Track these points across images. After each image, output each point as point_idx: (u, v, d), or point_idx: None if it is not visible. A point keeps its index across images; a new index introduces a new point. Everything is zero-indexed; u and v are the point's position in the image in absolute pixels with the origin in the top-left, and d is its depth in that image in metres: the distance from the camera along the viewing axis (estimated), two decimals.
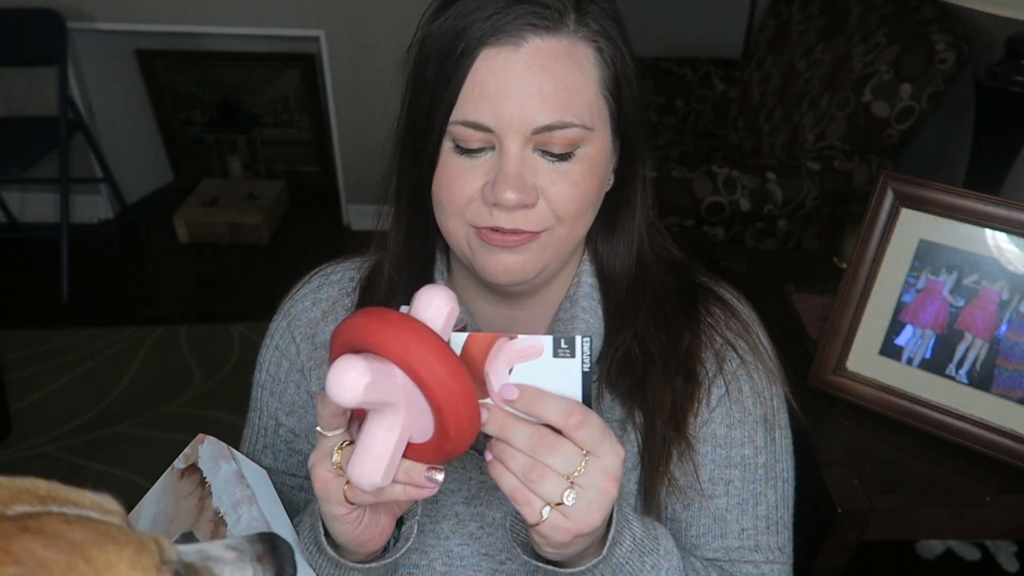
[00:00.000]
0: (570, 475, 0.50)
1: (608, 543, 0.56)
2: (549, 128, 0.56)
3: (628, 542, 0.58)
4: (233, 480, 0.67)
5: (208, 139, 3.23)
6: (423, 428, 0.49)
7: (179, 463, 0.72)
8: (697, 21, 2.81)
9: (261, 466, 0.71)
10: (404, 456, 0.50)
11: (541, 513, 0.50)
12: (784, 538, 0.73)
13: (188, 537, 0.66)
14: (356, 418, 0.54)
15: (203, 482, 0.68)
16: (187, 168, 3.35)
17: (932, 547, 1.62)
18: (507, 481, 0.51)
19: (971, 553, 1.62)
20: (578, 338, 0.50)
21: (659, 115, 2.71)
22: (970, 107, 1.32)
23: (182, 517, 0.68)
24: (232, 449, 0.71)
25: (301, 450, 0.76)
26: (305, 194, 3.25)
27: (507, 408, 0.50)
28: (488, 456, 0.51)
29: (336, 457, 0.53)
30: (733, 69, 2.69)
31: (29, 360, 2.31)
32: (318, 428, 0.54)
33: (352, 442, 0.52)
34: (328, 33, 2.66)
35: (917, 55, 1.82)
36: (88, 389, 2.22)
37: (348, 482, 0.53)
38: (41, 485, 0.35)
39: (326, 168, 3.25)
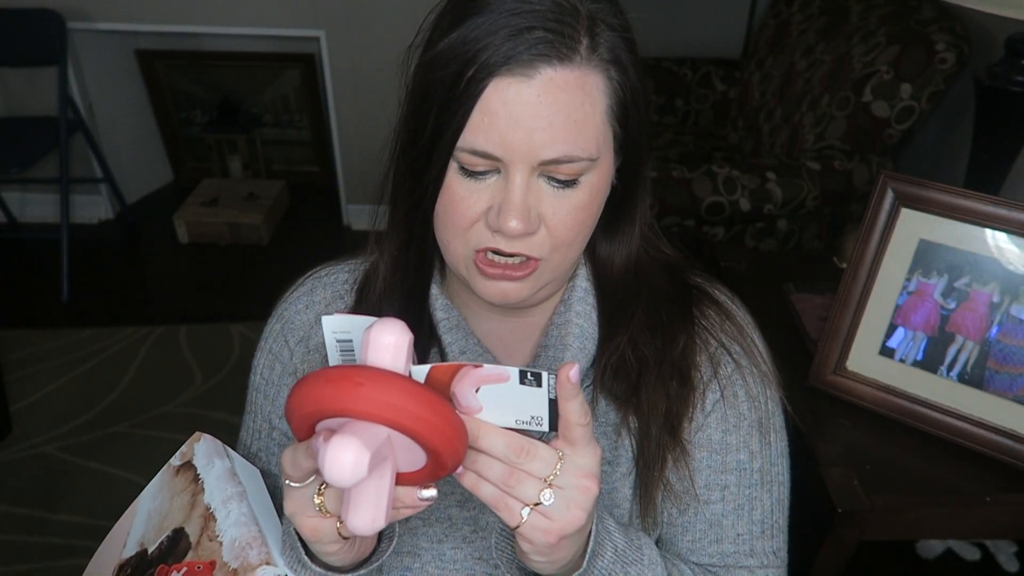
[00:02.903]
0: (547, 478, 0.50)
1: (588, 555, 0.56)
2: (556, 161, 0.56)
3: (610, 553, 0.58)
4: (225, 477, 0.67)
5: (208, 139, 3.23)
6: (413, 460, 0.48)
7: (175, 460, 0.73)
8: (697, 21, 2.81)
9: (256, 468, 0.72)
10: (396, 484, 0.49)
11: (521, 515, 0.50)
12: (779, 542, 0.72)
13: (179, 533, 0.66)
14: None
15: (197, 478, 0.69)
16: (187, 168, 3.35)
17: (932, 547, 1.62)
18: (485, 489, 0.51)
19: (971, 553, 1.62)
20: (544, 373, 0.48)
21: (659, 115, 2.71)
22: (970, 107, 1.32)
23: (175, 513, 0.68)
24: (227, 447, 0.71)
25: None
26: (305, 194, 3.25)
27: (479, 417, 0.50)
28: (458, 469, 0.50)
29: (318, 501, 0.52)
30: (733, 69, 2.69)
31: (29, 360, 2.31)
32: (287, 482, 0.52)
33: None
34: (328, 33, 2.66)
35: (917, 55, 1.82)
36: (88, 389, 2.22)
37: (340, 521, 0.52)
38: None
39: (326, 168, 3.25)
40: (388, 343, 0.45)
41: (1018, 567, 1.59)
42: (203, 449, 0.71)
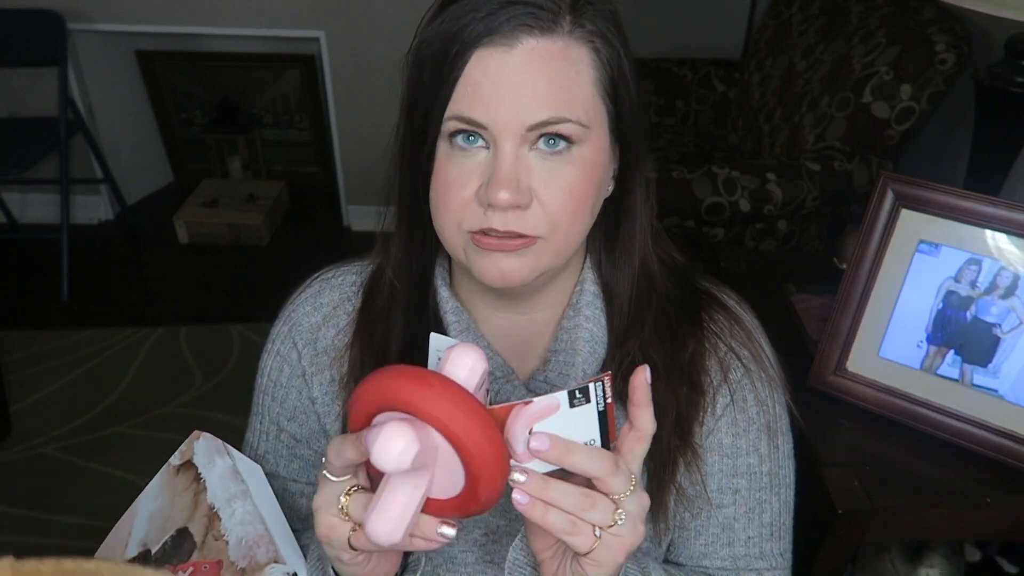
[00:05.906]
0: (619, 497, 0.50)
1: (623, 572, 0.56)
2: (544, 124, 0.56)
3: (633, 568, 0.58)
4: (228, 475, 0.67)
5: (208, 139, 3.23)
6: (448, 486, 0.48)
7: (175, 460, 0.72)
8: (697, 21, 2.81)
9: (256, 464, 0.72)
10: (424, 510, 0.49)
11: (595, 536, 0.49)
12: (786, 543, 0.73)
13: (183, 533, 0.66)
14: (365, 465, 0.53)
15: (198, 478, 0.69)
16: (187, 168, 3.35)
17: None
18: (554, 517, 0.49)
19: (971, 553, 1.62)
20: (591, 385, 0.49)
21: (659, 116, 2.71)
22: (970, 107, 1.32)
23: (177, 514, 0.68)
24: (227, 445, 0.71)
25: (303, 456, 0.76)
26: (305, 195, 3.25)
27: (537, 465, 0.49)
28: (523, 498, 0.48)
29: (344, 501, 0.51)
30: (733, 69, 2.68)
31: (29, 360, 2.31)
32: (325, 472, 0.52)
33: (359, 487, 0.52)
34: (328, 34, 2.66)
35: (917, 55, 1.82)
36: (88, 389, 2.22)
37: (353, 529, 0.51)
38: None
39: (326, 169, 3.25)
40: (466, 363, 0.48)
41: (1018, 568, 1.59)
42: (203, 448, 0.71)
